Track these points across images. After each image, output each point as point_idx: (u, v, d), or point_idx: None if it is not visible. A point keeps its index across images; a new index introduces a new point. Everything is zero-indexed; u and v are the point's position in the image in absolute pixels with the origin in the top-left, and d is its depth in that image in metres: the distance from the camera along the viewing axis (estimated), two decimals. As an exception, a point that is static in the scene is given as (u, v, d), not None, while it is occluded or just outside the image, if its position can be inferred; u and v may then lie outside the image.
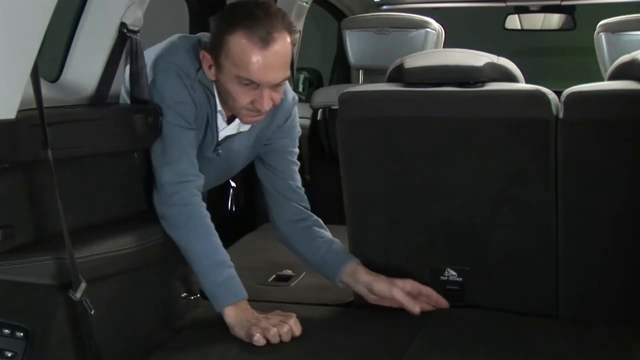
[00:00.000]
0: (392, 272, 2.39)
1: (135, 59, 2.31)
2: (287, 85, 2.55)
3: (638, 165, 2.20)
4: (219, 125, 2.45)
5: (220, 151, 2.48)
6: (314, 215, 2.57)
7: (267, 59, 2.24)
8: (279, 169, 2.59)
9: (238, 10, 2.29)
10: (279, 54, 2.26)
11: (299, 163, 2.66)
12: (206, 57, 2.33)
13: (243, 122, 2.43)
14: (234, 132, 2.49)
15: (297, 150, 2.66)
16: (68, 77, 2.23)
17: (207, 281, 2.25)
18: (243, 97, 2.30)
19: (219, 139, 2.47)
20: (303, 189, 2.60)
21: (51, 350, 1.96)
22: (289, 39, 2.29)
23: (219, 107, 2.42)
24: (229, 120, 2.47)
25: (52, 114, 1.99)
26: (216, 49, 2.28)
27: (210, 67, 2.33)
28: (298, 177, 2.61)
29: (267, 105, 2.31)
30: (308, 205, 2.58)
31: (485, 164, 2.33)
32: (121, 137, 2.23)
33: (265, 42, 2.23)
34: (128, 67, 2.33)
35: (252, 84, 2.27)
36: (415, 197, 2.41)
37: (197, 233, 2.29)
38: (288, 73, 2.35)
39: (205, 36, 2.42)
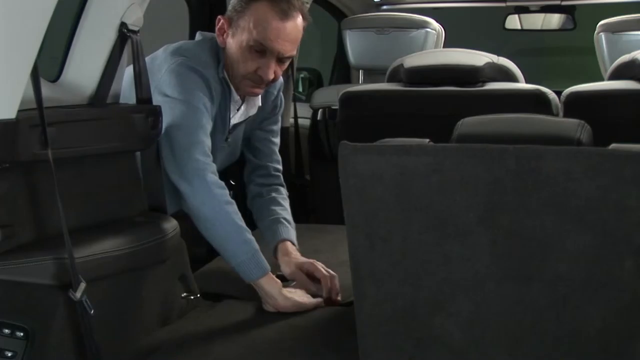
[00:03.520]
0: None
1: (137, 59, 2.31)
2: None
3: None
4: (231, 114, 2.59)
5: (229, 140, 2.62)
6: (283, 187, 2.73)
7: (284, 30, 2.45)
8: (261, 150, 2.76)
9: None
10: (294, 29, 2.47)
11: (278, 143, 2.81)
12: (223, 23, 2.51)
13: (243, 93, 2.57)
14: (243, 118, 2.64)
15: (278, 127, 2.83)
16: (68, 77, 2.22)
17: (238, 256, 2.32)
18: (250, 64, 2.47)
19: (230, 127, 2.59)
20: (281, 167, 2.77)
21: (51, 350, 1.96)
22: (303, 22, 2.50)
23: (236, 97, 2.56)
24: (239, 108, 2.60)
25: (52, 114, 1.99)
26: (237, 13, 2.48)
27: (224, 33, 2.51)
28: (278, 157, 2.77)
29: (270, 75, 2.47)
30: (283, 184, 2.74)
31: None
32: (121, 137, 2.23)
33: (285, 14, 2.45)
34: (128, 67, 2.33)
35: (262, 52, 2.45)
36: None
37: (228, 207, 2.34)
38: (295, 53, 2.53)
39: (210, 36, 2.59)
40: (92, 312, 1.94)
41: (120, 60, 2.28)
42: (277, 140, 2.84)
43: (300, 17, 2.50)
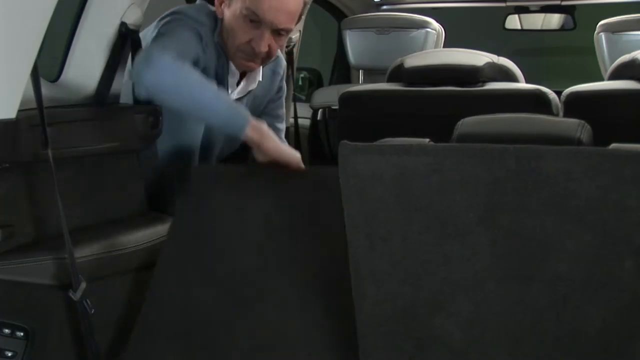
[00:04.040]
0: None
1: (135, 58, 2.31)
2: (280, 55, 2.66)
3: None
4: (229, 88, 2.51)
5: None
6: None
7: (278, 1, 2.34)
8: None
9: None
10: (289, 3, 2.37)
11: (283, 129, 2.73)
12: None
13: (237, 67, 2.49)
14: (243, 94, 2.56)
15: (283, 112, 2.77)
16: (68, 77, 2.22)
17: (220, 115, 2.21)
18: (243, 35, 2.39)
19: None
20: None
21: (51, 350, 1.96)
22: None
23: (232, 68, 2.49)
24: (238, 83, 2.54)
25: (52, 114, 1.99)
26: None
27: (222, 3, 2.43)
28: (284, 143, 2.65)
29: (263, 47, 2.38)
30: None
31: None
32: (121, 137, 2.23)
33: None
34: (128, 66, 2.33)
35: (256, 22, 2.36)
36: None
37: (193, 74, 2.23)
38: (293, 27, 2.43)
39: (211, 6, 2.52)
40: (92, 312, 1.94)
41: (120, 60, 2.28)
42: (283, 126, 2.77)
43: None
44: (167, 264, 2.03)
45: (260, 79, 2.61)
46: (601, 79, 3.11)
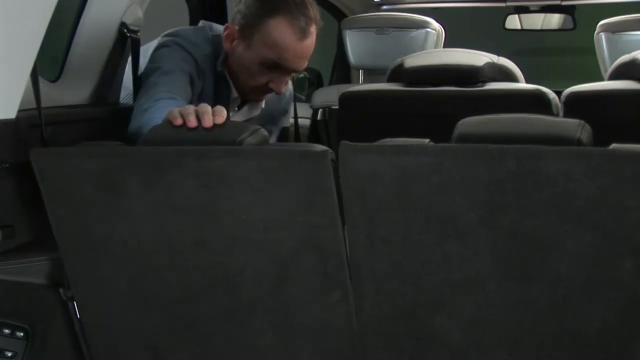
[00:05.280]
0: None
1: (136, 59, 2.31)
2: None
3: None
4: (230, 113, 2.48)
5: None
6: None
7: (301, 50, 2.38)
8: None
9: None
10: (310, 47, 2.43)
11: (277, 130, 2.77)
12: (232, 31, 2.39)
13: (248, 98, 2.51)
14: (243, 118, 2.56)
15: (278, 128, 2.81)
16: (68, 77, 2.22)
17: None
18: (261, 77, 2.40)
19: None
20: None
21: (51, 350, 1.96)
22: (316, 29, 2.45)
23: (234, 95, 2.49)
24: (239, 107, 2.55)
25: (52, 114, 1.99)
26: (251, 27, 2.36)
27: (232, 41, 2.39)
28: None
29: (283, 88, 2.44)
30: None
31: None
32: (121, 137, 2.23)
33: (304, 33, 2.38)
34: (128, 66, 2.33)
35: (276, 68, 2.37)
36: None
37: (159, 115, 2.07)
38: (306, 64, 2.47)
39: (213, 27, 2.50)
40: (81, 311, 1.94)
41: (120, 60, 2.28)
42: (276, 128, 2.79)
43: (315, 29, 2.43)
44: None
45: (264, 106, 2.62)
46: (601, 79, 3.11)
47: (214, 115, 1.79)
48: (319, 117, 3.94)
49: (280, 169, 1.72)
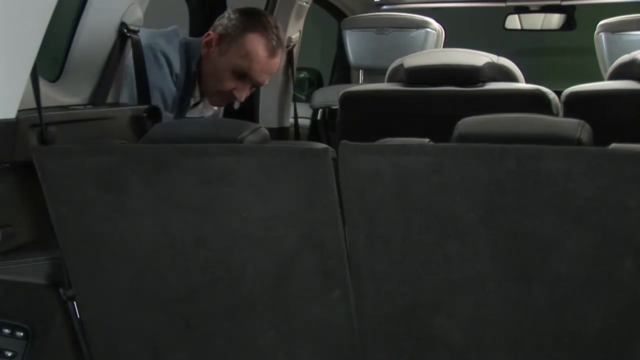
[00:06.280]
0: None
1: (136, 59, 2.31)
2: None
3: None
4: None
5: None
6: None
7: (269, 66, 2.71)
8: None
9: (258, 15, 2.75)
10: (276, 65, 2.75)
11: None
12: (212, 37, 2.69)
13: (211, 102, 2.78)
14: (197, 115, 2.80)
15: None
16: (68, 77, 2.22)
17: None
18: (227, 83, 2.69)
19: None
20: None
21: (51, 350, 1.96)
22: (282, 55, 2.79)
23: (197, 93, 2.75)
24: (194, 105, 2.79)
25: (52, 114, 1.99)
26: (230, 36, 2.67)
27: (210, 47, 2.69)
28: None
29: (242, 98, 2.74)
30: None
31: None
32: (121, 137, 2.23)
33: (274, 52, 2.70)
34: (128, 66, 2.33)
35: (244, 77, 2.66)
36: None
37: None
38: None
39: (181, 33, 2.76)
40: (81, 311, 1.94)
41: (120, 60, 2.29)
42: None
43: (281, 52, 2.75)
44: None
45: (216, 109, 2.87)
46: (601, 79, 3.11)
47: None
48: (319, 117, 3.95)
49: (281, 167, 1.72)
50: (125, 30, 2.25)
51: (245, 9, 2.80)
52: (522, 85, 2.45)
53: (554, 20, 4.68)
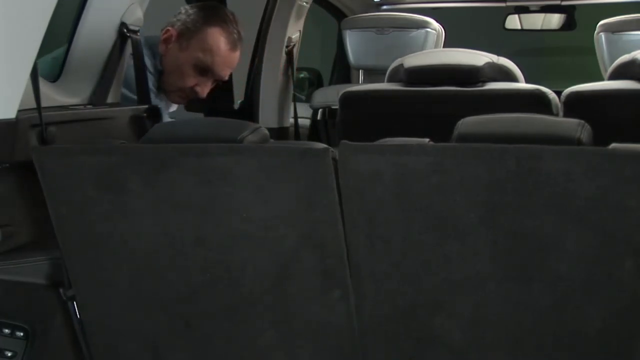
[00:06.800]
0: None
1: (136, 59, 2.31)
2: None
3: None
4: None
5: None
6: None
7: (230, 59, 2.71)
8: None
9: (217, 9, 2.73)
10: (236, 59, 2.75)
11: None
12: (171, 34, 2.68)
13: (171, 100, 2.76)
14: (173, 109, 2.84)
15: None
16: (68, 77, 2.22)
17: None
18: (189, 80, 2.68)
19: None
20: None
21: (51, 350, 1.96)
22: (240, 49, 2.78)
23: (153, 90, 2.72)
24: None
25: (52, 114, 1.99)
26: (190, 31, 2.65)
27: (169, 43, 2.67)
28: None
29: (205, 93, 2.71)
30: None
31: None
32: (121, 137, 2.23)
33: (234, 45, 2.70)
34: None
35: (205, 72, 2.65)
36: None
37: None
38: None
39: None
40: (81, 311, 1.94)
41: (120, 60, 2.28)
42: None
43: (240, 44, 2.73)
44: None
45: (176, 107, 2.87)
46: (601, 79, 3.11)
47: None
48: (319, 117, 3.95)
49: (281, 167, 1.72)
50: (125, 30, 2.25)
51: (203, 3, 2.79)
52: (522, 85, 2.45)
53: (554, 20, 4.68)
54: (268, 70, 3.42)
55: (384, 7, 4.77)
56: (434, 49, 3.99)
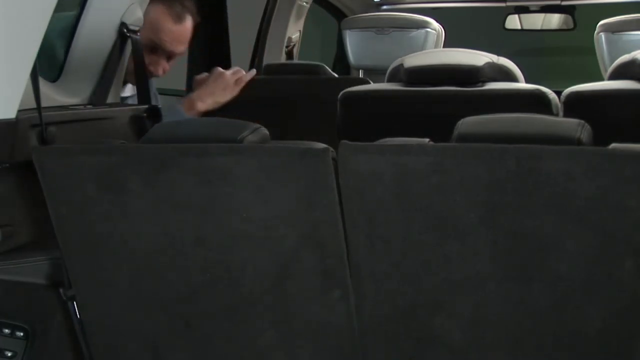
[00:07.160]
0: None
1: (137, 59, 2.31)
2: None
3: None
4: None
5: None
6: None
7: (177, 33, 2.68)
8: None
9: None
10: (186, 31, 2.71)
11: None
12: None
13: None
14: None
15: None
16: (68, 77, 2.22)
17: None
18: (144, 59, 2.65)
19: None
20: None
21: (51, 350, 1.96)
22: (193, 23, 2.74)
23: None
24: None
25: (52, 114, 1.99)
26: None
27: None
28: None
29: (161, 71, 2.71)
30: None
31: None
32: (121, 137, 2.23)
33: (179, 18, 2.67)
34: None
35: (155, 50, 2.65)
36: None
37: None
38: (185, 50, 2.80)
39: None
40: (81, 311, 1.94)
41: (120, 60, 2.29)
42: None
43: (191, 18, 2.70)
44: None
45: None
46: (601, 79, 3.11)
47: None
48: (318, 117, 3.94)
49: (281, 167, 1.72)
50: (125, 30, 2.25)
51: None
52: (522, 85, 2.45)
53: (554, 20, 4.68)
54: (268, 70, 3.42)
55: (384, 7, 4.77)
56: (434, 49, 4.00)
